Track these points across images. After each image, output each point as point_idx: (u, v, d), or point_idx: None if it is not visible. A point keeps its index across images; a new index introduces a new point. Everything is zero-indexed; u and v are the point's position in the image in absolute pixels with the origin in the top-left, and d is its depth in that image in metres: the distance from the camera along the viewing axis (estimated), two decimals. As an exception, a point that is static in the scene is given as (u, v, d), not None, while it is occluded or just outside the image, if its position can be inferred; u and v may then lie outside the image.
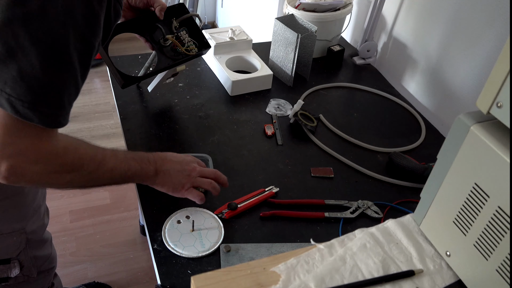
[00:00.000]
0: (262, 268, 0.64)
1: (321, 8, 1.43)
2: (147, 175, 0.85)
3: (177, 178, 0.87)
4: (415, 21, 1.34)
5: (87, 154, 0.76)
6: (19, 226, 0.98)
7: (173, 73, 1.18)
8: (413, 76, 1.38)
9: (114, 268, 1.77)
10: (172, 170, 0.87)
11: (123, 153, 0.83)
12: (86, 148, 0.77)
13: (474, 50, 1.14)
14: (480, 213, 0.61)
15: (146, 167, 0.84)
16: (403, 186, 1.06)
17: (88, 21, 0.66)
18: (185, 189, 0.88)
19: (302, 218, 0.95)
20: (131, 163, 0.82)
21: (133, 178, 0.84)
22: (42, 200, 1.07)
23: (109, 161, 0.79)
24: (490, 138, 0.58)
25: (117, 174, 0.80)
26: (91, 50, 0.69)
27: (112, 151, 0.81)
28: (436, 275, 0.67)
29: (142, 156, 0.85)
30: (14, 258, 0.99)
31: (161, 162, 0.87)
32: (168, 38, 1.08)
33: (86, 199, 2.03)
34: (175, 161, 0.89)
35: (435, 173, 0.69)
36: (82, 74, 0.71)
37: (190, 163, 0.90)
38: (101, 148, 0.79)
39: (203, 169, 0.91)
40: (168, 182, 0.87)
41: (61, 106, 0.68)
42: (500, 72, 0.54)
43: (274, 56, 1.39)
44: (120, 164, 0.80)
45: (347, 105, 1.33)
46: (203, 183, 0.90)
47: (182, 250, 0.86)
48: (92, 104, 2.61)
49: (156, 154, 0.89)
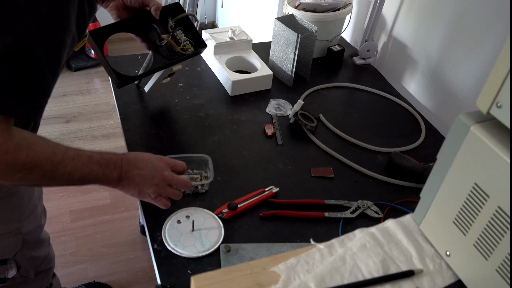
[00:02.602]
0: (262, 268, 0.64)
1: (321, 8, 1.43)
2: (109, 180, 0.81)
3: (143, 185, 0.83)
4: (415, 21, 1.34)
5: (44, 154, 0.71)
6: (15, 227, 0.97)
7: (169, 73, 1.18)
8: (413, 76, 1.38)
9: (114, 268, 1.77)
10: (138, 177, 0.83)
11: (88, 155, 0.78)
12: (45, 147, 0.72)
13: (474, 50, 1.14)
14: (480, 213, 0.61)
15: (109, 173, 0.80)
16: (403, 186, 1.06)
17: (55, 13, 0.64)
18: (151, 197, 0.85)
19: (302, 218, 0.95)
20: (93, 167, 0.78)
21: (93, 181, 0.80)
22: (38, 200, 1.07)
23: (69, 163, 0.74)
24: (490, 138, 0.58)
25: (76, 177, 0.76)
26: (60, 44, 0.67)
27: (75, 152, 0.76)
28: (436, 275, 0.67)
29: (109, 160, 0.81)
30: (11, 259, 0.99)
31: (128, 168, 0.82)
32: (163, 38, 1.08)
33: (86, 199, 2.03)
34: (144, 168, 0.84)
35: (435, 173, 0.69)
36: (51, 69, 0.68)
37: (161, 171, 0.85)
38: (63, 148, 0.74)
39: (173, 178, 0.86)
40: (132, 189, 0.84)
41: (18, 97, 0.65)
42: (500, 72, 0.54)
43: (274, 56, 1.39)
44: (81, 167, 0.76)
45: (347, 105, 1.33)
46: (169, 193, 0.86)
47: (182, 250, 0.86)
48: (92, 104, 2.61)
49: (126, 157, 0.84)
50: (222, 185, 1.01)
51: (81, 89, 2.73)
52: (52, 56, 0.67)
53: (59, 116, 2.49)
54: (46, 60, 0.66)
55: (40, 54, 0.65)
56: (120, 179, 0.82)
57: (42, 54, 0.65)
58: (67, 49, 0.70)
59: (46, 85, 0.69)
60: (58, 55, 0.68)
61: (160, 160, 0.87)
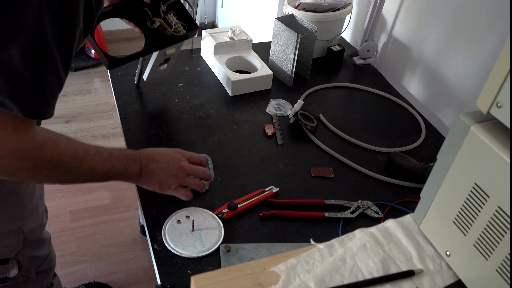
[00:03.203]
0: (262, 268, 0.64)
1: (321, 8, 1.43)
2: (130, 175, 0.83)
3: (163, 178, 0.86)
4: (415, 21, 1.34)
5: (68, 151, 0.73)
6: (16, 226, 0.97)
7: (165, 58, 1.17)
8: (413, 76, 1.38)
9: (114, 268, 1.77)
10: (158, 171, 0.85)
11: (108, 151, 0.80)
12: (67, 144, 0.74)
13: (474, 50, 1.14)
14: (480, 213, 0.61)
15: (130, 168, 0.83)
16: (403, 186, 1.06)
17: (66, 10, 0.65)
18: (172, 189, 0.87)
19: (302, 218, 0.95)
20: (114, 162, 0.80)
21: (116, 177, 0.82)
22: (40, 199, 1.07)
23: (91, 159, 0.76)
24: (490, 138, 0.58)
25: (98, 173, 0.78)
26: (71, 40, 0.68)
27: (96, 149, 0.78)
28: (436, 275, 0.67)
29: (128, 155, 0.83)
30: (12, 258, 0.99)
31: (147, 163, 0.85)
32: (155, 21, 1.07)
33: (86, 199, 2.03)
34: (162, 161, 0.86)
35: (435, 173, 0.69)
36: (64, 65, 0.69)
37: (178, 162, 0.88)
38: (85, 145, 0.77)
39: (191, 168, 0.89)
40: (154, 182, 0.86)
41: (42, 97, 0.67)
42: (500, 72, 0.54)
43: (274, 56, 1.39)
44: (103, 163, 0.78)
45: (347, 105, 1.33)
46: (190, 183, 0.89)
47: (182, 250, 0.86)
48: (92, 104, 2.61)
49: (144, 152, 0.86)
50: (222, 185, 1.01)
51: (81, 89, 2.73)
52: (64, 52, 0.68)
53: (59, 116, 2.49)
54: (60, 56, 0.67)
55: (54, 51, 0.66)
56: (140, 173, 0.84)
57: (56, 50, 0.66)
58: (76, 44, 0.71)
59: (61, 81, 0.70)
60: (69, 50, 0.69)
61: (177, 152, 0.90)
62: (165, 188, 0.87)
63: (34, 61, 0.64)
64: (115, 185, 2.09)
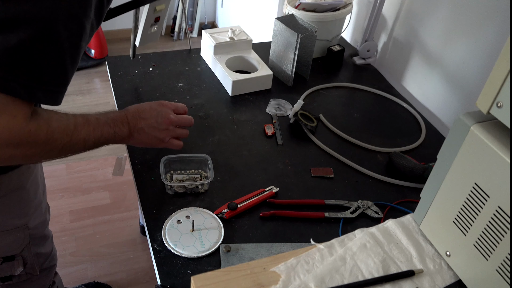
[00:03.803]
0: (262, 268, 0.64)
1: (321, 8, 1.43)
2: (121, 137, 0.84)
3: (153, 134, 0.88)
4: (415, 21, 1.34)
5: (59, 127, 0.73)
6: (22, 222, 0.98)
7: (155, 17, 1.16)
8: (413, 76, 1.38)
9: (114, 268, 1.77)
10: (148, 128, 0.87)
11: (95, 118, 0.80)
12: (58, 120, 0.74)
13: (475, 50, 1.14)
14: (480, 213, 0.61)
15: (120, 130, 0.83)
16: (403, 186, 1.06)
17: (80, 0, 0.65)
18: (164, 142, 0.90)
19: (302, 218, 0.95)
20: (104, 128, 0.81)
21: (106, 142, 0.83)
22: (43, 195, 1.08)
23: (81, 130, 0.77)
24: (490, 138, 0.58)
25: (90, 142, 0.79)
26: (81, 30, 0.68)
27: (83, 118, 0.78)
28: (436, 275, 0.67)
29: (115, 118, 0.84)
30: (18, 255, 0.99)
31: (135, 122, 0.86)
32: None
33: (86, 199, 2.03)
34: (149, 117, 0.88)
35: (435, 173, 0.69)
36: (71, 55, 0.69)
37: (166, 115, 0.89)
38: (72, 117, 0.77)
39: (179, 119, 0.91)
40: (144, 140, 0.88)
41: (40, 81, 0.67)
42: (500, 72, 0.54)
43: (274, 56, 1.39)
44: (92, 132, 0.78)
45: (347, 105, 1.33)
46: (180, 134, 0.92)
47: (182, 250, 0.86)
48: (92, 104, 2.61)
49: (129, 112, 0.87)
50: (222, 185, 1.01)
51: (81, 89, 2.73)
52: (73, 42, 0.68)
53: (59, 116, 2.48)
54: (68, 45, 0.67)
55: (63, 39, 0.66)
56: (130, 133, 0.85)
57: (65, 39, 0.66)
58: (87, 36, 0.71)
59: (65, 71, 0.70)
60: (78, 41, 0.69)
61: (161, 106, 0.91)
62: (157, 143, 0.89)
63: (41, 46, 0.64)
64: (115, 185, 2.09)
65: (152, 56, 1.42)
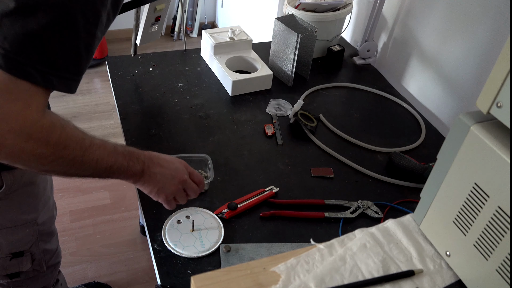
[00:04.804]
0: (262, 268, 0.64)
1: (321, 8, 1.43)
2: (132, 173, 0.81)
3: (164, 184, 0.84)
4: (415, 21, 1.34)
5: (74, 136, 0.70)
6: (31, 217, 0.98)
7: (155, 16, 1.16)
8: (413, 76, 1.38)
9: (114, 268, 1.77)
10: (160, 175, 0.83)
11: (113, 145, 0.77)
12: (74, 130, 0.71)
13: (475, 50, 1.14)
14: (480, 213, 0.61)
15: (133, 165, 0.80)
16: (403, 186, 1.06)
17: None
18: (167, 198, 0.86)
19: (302, 218, 0.95)
20: (118, 157, 0.77)
21: (117, 173, 0.79)
22: (51, 191, 1.08)
23: (96, 150, 0.73)
24: (490, 138, 0.58)
25: (102, 166, 0.75)
26: (97, 19, 0.68)
27: (101, 142, 0.75)
28: (436, 275, 0.67)
29: (131, 152, 0.81)
30: (27, 251, 1.00)
31: (151, 164, 0.83)
32: None
33: (86, 199, 2.03)
34: (167, 167, 0.85)
35: (435, 173, 0.69)
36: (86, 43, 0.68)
37: (182, 174, 0.86)
38: (90, 135, 0.74)
39: (190, 184, 0.87)
40: (152, 186, 0.84)
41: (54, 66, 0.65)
42: (500, 72, 0.54)
43: (274, 56, 1.39)
44: (107, 157, 0.75)
45: (347, 105, 1.33)
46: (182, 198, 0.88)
47: (182, 250, 0.86)
48: (92, 104, 2.61)
49: (148, 153, 0.84)
50: (222, 185, 1.01)
51: (81, 89, 2.73)
52: (88, 30, 0.67)
53: (59, 116, 2.49)
54: (84, 33, 0.67)
55: (80, 27, 0.65)
56: (142, 173, 0.82)
57: (81, 27, 0.65)
58: (102, 26, 0.70)
59: (79, 59, 0.69)
60: (93, 30, 0.68)
61: (181, 163, 0.88)
62: (161, 195, 0.85)
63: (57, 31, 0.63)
64: (115, 185, 2.09)
65: (152, 56, 1.43)
